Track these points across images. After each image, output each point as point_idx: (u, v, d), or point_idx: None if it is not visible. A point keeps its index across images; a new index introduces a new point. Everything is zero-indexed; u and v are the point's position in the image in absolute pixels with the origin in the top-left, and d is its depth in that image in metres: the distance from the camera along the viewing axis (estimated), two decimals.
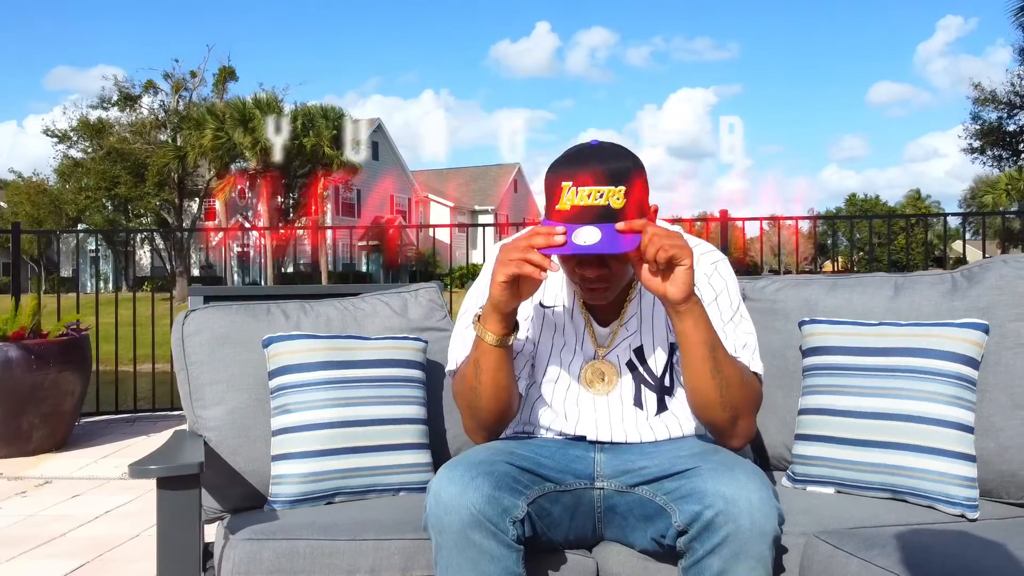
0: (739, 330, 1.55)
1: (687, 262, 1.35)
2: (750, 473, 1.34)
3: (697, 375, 1.44)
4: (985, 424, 1.67)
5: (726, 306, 1.56)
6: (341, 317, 2.04)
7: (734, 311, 1.56)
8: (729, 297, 1.57)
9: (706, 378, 1.43)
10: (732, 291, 1.58)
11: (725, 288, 1.57)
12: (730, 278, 1.59)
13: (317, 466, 1.75)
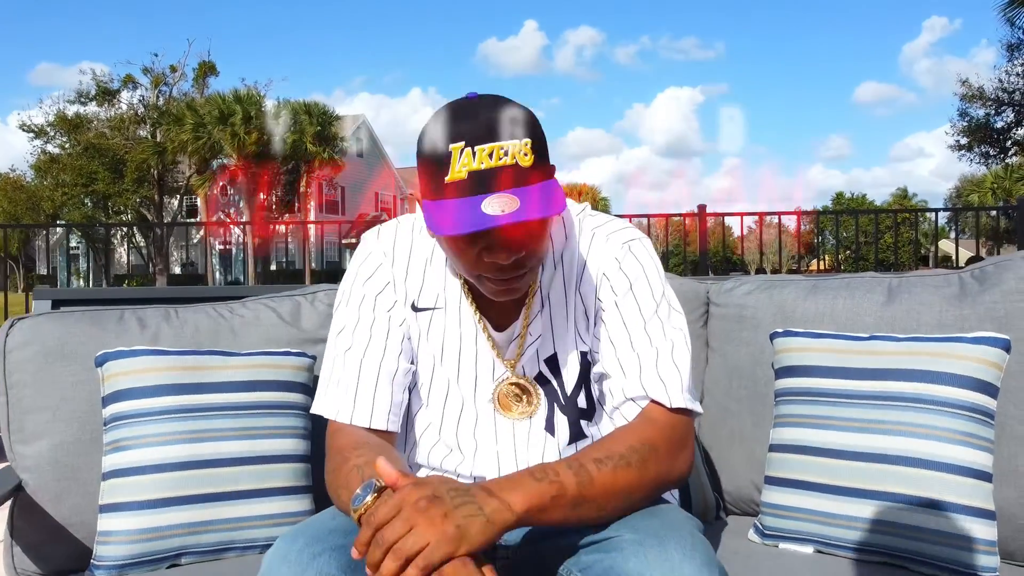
0: (652, 344, 1.16)
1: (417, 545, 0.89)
2: (688, 548, 0.97)
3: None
4: (1005, 467, 1.31)
5: (645, 302, 1.18)
6: (213, 327, 1.66)
7: (652, 312, 1.18)
8: (650, 289, 1.19)
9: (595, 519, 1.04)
10: (653, 282, 1.20)
11: (643, 278, 1.19)
12: (648, 264, 1.21)
13: (157, 519, 1.37)
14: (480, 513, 0.92)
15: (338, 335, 1.22)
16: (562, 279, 1.23)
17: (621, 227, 1.25)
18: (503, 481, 0.99)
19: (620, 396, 1.15)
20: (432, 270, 1.24)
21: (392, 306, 1.22)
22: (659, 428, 1.11)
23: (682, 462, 1.12)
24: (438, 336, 1.24)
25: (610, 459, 1.04)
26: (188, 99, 31.22)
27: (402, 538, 0.89)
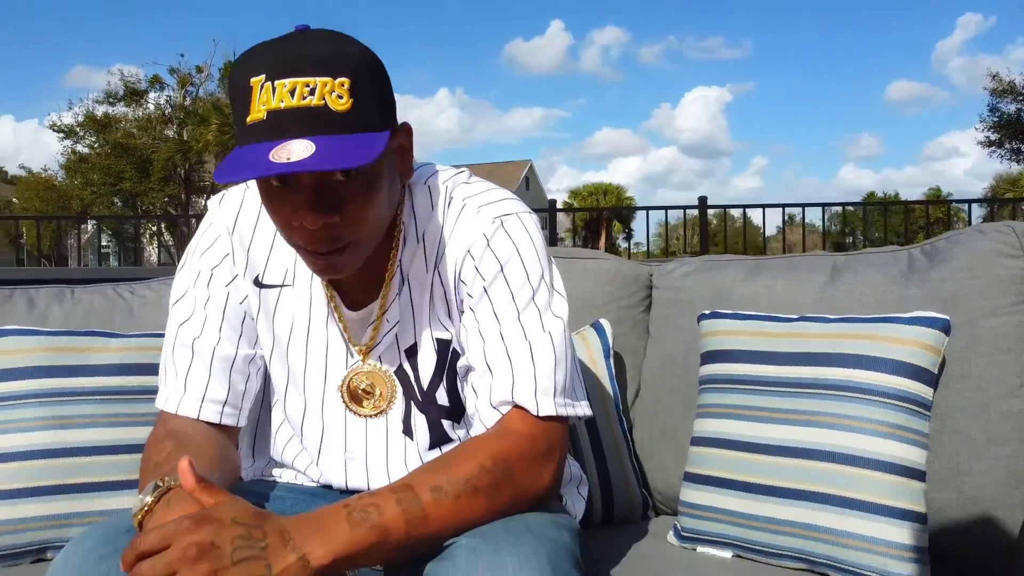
0: (525, 339, 0.99)
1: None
2: (526, 553, 0.83)
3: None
4: (945, 466, 1.16)
5: (519, 290, 1.00)
6: (109, 307, 1.56)
7: (526, 301, 1.00)
8: (525, 275, 1.01)
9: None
10: (529, 266, 1.01)
11: (517, 261, 1.01)
12: (524, 245, 1.02)
13: (18, 511, 1.26)
14: (264, 573, 0.77)
15: (174, 317, 1.09)
16: (423, 257, 1.06)
17: (499, 199, 1.05)
18: (310, 524, 0.82)
19: (484, 399, 1.00)
20: (282, 241, 1.06)
21: (231, 280, 1.08)
22: (518, 440, 0.95)
23: (544, 478, 0.96)
24: (286, 317, 1.08)
25: (452, 484, 0.88)
26: (213, 99, 31.48)
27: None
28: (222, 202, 1.12)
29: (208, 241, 1.10)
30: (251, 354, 1.09)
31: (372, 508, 0.84)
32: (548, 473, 0.96)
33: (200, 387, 1.05)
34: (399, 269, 1.06)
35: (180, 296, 1.10)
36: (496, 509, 0.90)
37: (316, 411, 1.09)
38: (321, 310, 1.08)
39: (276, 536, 0.79)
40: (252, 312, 1.09)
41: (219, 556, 0.76)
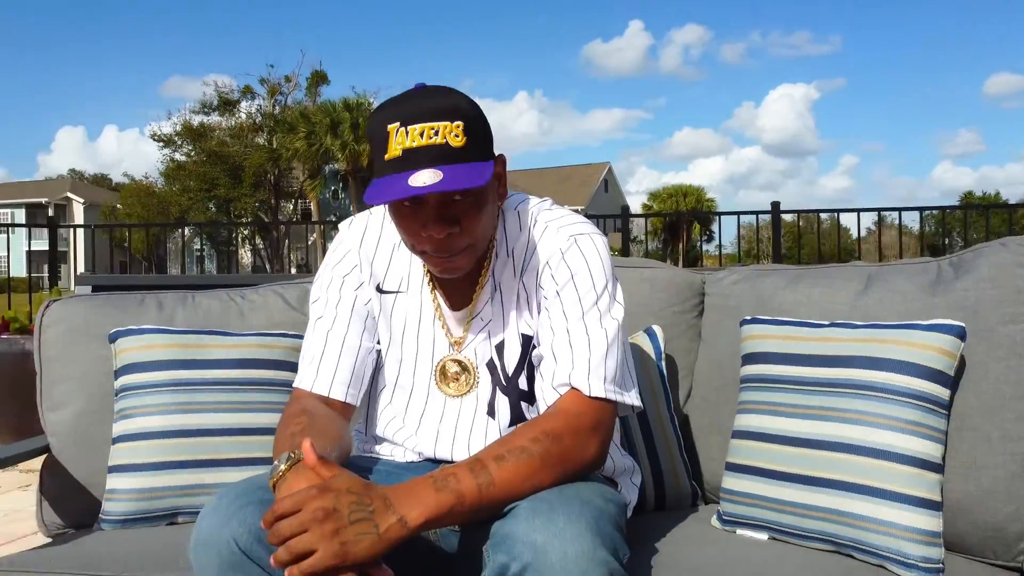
0: (586, 334, 1.18)
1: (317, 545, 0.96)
2: (573, 514, 1.00)
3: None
4: (963, 460, 1.27)
5: (585, 294, 1.20)
6: (222, 310, 1.80)
7: (591, 304, 1.20)
8: (592, 283, 1.21)
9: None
10: (595, 276, 1.22)
11: (583, 273, 1.21)
12: (593, 259, 1.23)
13: (154, 480, 1.51)
14: (373, 531, 0.97)
15: (312, 314, 1.33)
16: (512, 268, 1.28)
17: (574, 221, 1.27)
18: (405, 491, 1.02)
19: (547, 382, 1.19)
20: (398, 255, 1.33)
21: (358, 286, 1.32)
22: (567, 417, 1.13)
23: (590, 450, 1.13)
24: (400, 317, 1.32)
25: (511, 453, 1.07)
26: (301, 107, 32.70)
27: (296, 537, 0.96)
28: (351, 226, 1.36)
29: (340, 255, 1.34)
30: (371, 346, 1.32)
31: (451, 478, 1.03)
32: (593, 446, 1.14)
33: (331, 370, 1.27)
34: (492, 277, 1.28)
35: (317, 298, 1.34)
36: (549, 474, 1.08)
37: (420, 393, 1.31)
38: (428, 311, 1.30)
39: (380, 501, 1.00)
40: (374, 313, 1.32)
41: (339, 518, 0.96)
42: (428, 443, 1.30)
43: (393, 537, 0.98)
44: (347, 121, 29.82)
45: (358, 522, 0.97)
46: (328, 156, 31.52)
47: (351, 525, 0.97)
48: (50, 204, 48.77)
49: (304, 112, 31.48)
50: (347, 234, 1.36)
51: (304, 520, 0.96)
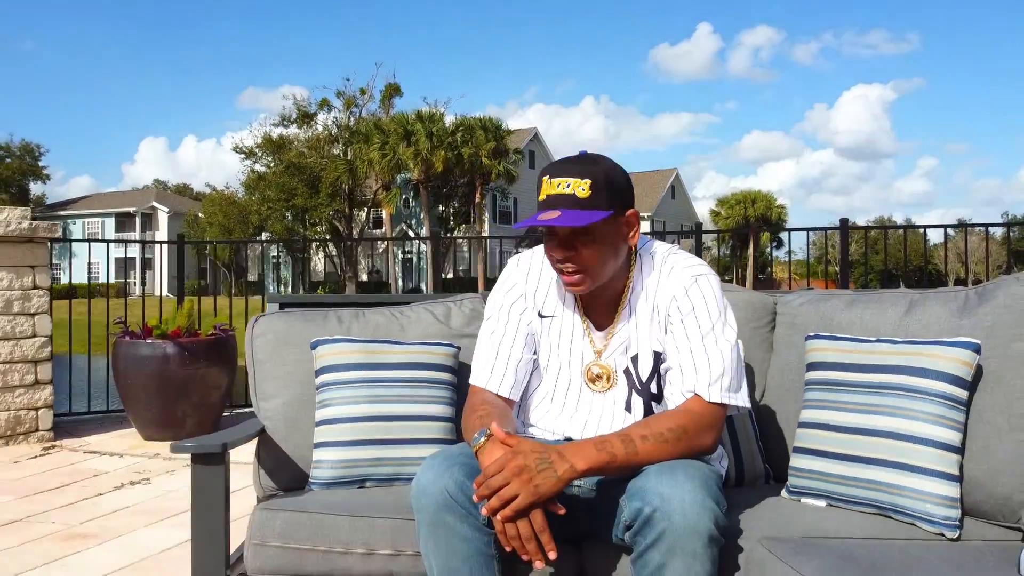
0: (706, 350, 1.62)
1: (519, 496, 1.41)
2: (690, 474, 1.43)
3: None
4: (980, 445, 1.64)
5: (703, 322, 1.64)
6: (387, 324, 2.28)
7: (708, 329, 1.63)
8: (708, 315, 1.64)
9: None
10: (711, 309, 1.65)
11: (703, 304, 1.65)
12: (709, 295, 1.66)
13: (350, 454, 1.98)
14: (553, 475, 1.43)
15: (485, 329, 1.80)
16: (644, 296, 1.72)
17: (695, 263, 1.71)
18: (573, 447, 1.48)
19: (675, 387, 1.63)
20: (554, 288, 1.78)
21: (523, 311, 1.78)
22: (692, 416, 1.57)
23: (707, 441, 1.57)
24: (556, 333, 1.77)
25: (652, 434, 1.52)
26: (375, 119, 33.72)
27: (502, 487, 1.41)
28: (518, 264, 1.82)
29: (509, 284, 1.81)
30: (530, 357, 1.77)
31: (607, 443, 1.48)
32: (709, 438, 1.58)
33: (500, 374, 1.74)
34: (629, 304, 1.72)
35: (490, 316, 1.81)
36: (677, 453, 1.51)
37: (574, 391, 1.76)
38: (579, 329, 1.75)
39: (556, 455, 1.45)
40: (535, 332, 1.77)
41: (529, 470, 1.42)
42: (576, 429, 1.73)
43: (567, 478, 1.43)
44: (421, 132, 30.64)
45: (543, 471, 1.42)
46: (400, 166, 32.45)
47: (538, 473, 1.42)
48: (137, 213, 51.28)
49: (378, 123, 32.44)
50: (515, 270, 1.84)
51: (507, 475, 1.42)
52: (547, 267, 1.79)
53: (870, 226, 5.41)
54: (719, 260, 44.60)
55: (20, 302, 4.98)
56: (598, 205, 1.57)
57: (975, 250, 46.25)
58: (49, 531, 3.27)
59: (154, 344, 4.95)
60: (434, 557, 1.51)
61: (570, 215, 1.55)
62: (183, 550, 3.00)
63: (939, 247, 56.45)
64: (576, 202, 1.56)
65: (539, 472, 1.42)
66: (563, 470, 1.44)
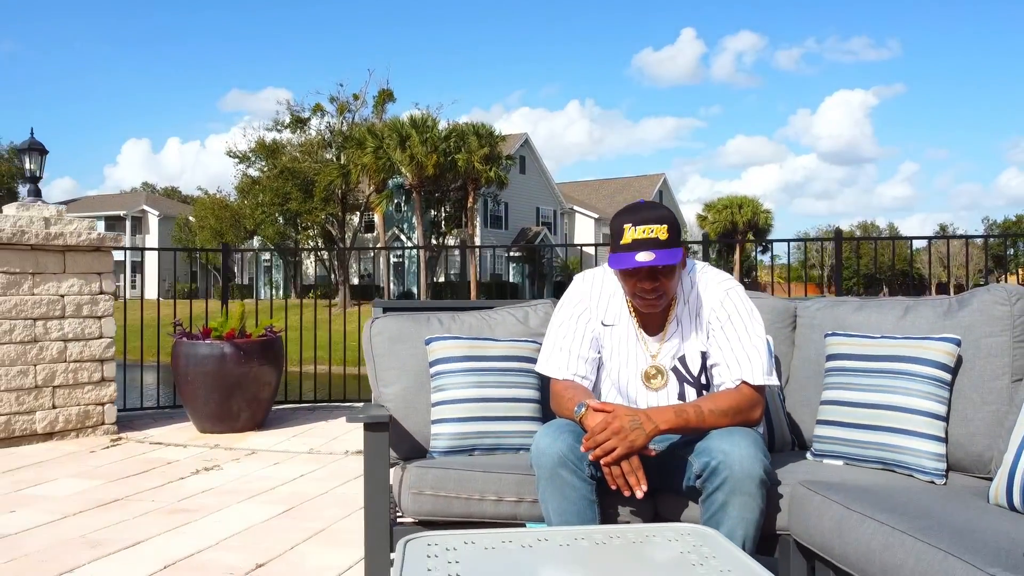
0: (744, 347, 2.13)
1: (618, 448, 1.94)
2: (744, 436, 1.94)
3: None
4: (960, 416, 2.17)
5: (738, 325, 2.15)
6: (479, 324, 2.77)
7: (743, 330, 2.15)
8: (741, 319, 2.16)
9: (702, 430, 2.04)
10: (743, 314, 2.16)
11: (736, 311, 2.17)
12: (740, 303, 2.18)
13: (461, 428, 2.48)
14: (642, 433, 1.94)
15: (556, 331, 2.30)
16: (687, 309, 2.22)
17: (723, 278, 2.22)
18: (657, 411, 1.99)
19: (725, 377, 2.13)
20: (613, 301, 2.28)
21: (589, 320, 2.28)
22: (744, 397, 2.08)
23: (756, 415, 2.09)
24: (616, 340, 2.27)
25: (716, 410, 2.03)
26: (369, 124, 34.11)
27: (606, 441, 1.92)
28: (583, 280, 2.32)
29: (577, 297, 2.30)
30: (594, 356, 2.27)
31: (683, 411, 2.00)
32: (757, 412, 2.09)
33: (575, 364, 2.24)
34: (675, 315, 2.21)
35: (559, 323, 2.30)
36: (733, 424, 2.02)
37: (633, 387, 2.25)
38: (633, 336, 2.25)
39: (644, 417, 1.96)
40: (599, 337, 2.27)
41: (625, 429, 1.93)
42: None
43: (652, 434, 1.94)
44: (415, 137, 31.09)
45: (635, 429, 1.93)
46: (393, 170, 32.87)
47: (632, 431, 1.93)
48: (127, 216, 51.34)
49: (372, 129, 32.83)
50: (582, 285, 2.33)
51: (607, 434, 1.93)
52: (607, 283, 2.29)
53: (863, 237, 5.88)
54: (713, 262, 45.25)
55: (88, 306, 5.43)
56: (675, 244, 2.05)
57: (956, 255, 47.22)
58: (151, 508, 3.74)
59: (212, 344, 5.41)
60: (551, 502, 2.01)
61: (662, 255, 2.01)
62: (280, 521, 3.49)
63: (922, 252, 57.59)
64: (660, 244, 2.02)
65: (632, 431, 1.93)
66: (649, 429, 1.95)
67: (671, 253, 2.03)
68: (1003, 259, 62.06)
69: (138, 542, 3.19)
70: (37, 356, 5.19)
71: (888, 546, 1.60)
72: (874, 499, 1.80)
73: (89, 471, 4.51)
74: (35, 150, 5.54)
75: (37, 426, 5.19)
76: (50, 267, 5.27)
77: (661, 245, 2.03)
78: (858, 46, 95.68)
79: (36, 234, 5.17)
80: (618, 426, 1.94)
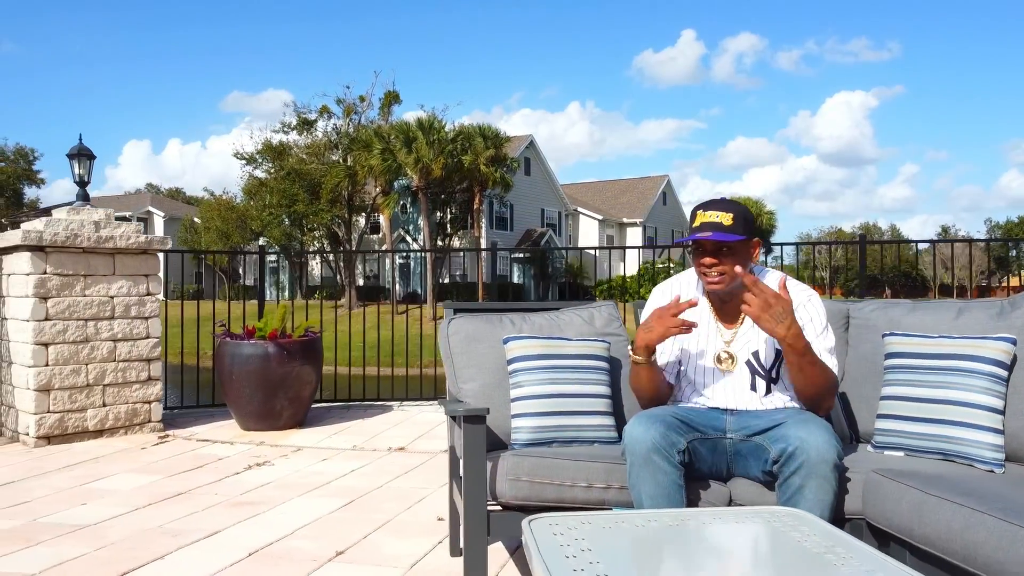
0: (824, 341, 2.33)
1: (775, 329, 2.19)
2: (818, 424, 2.11)
3: (791, 374, 2.25)
4: (1015, 409, 2.32)
5: (817, 325, 2.35)
6: (548, 324, 2.93)
7: (822, 329, 2.35)
8: (820, 319, 2.36)
9: (795, 375, 2.24)
10: (820, 316, 2.37)
11: (817, 314, 2.37)
12: (818, 307, 2.39)
13: (540, 422, 2.64)
14: (783, 323, 2.16)
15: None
16: None
17: (804, 287, 2.43)
18: (797, 323, 2.19)
19: None
20: (693, 295, 2.45)
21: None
22: (831, 379, 2.30)
23: (831, 400, 2.31)
24: (698, 331, 2.44)
25: (819, 365, 2.24)
26: (375, 126, 34.25)
27: (767, 302, 2.17)
28: (664, 286, 2.49)
29: (661, 293, 2.50)
30: (677, 349, 2.43)
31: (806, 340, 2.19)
32: (832, 399, 2.30)
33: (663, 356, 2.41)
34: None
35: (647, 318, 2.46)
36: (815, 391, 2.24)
37: (709, 372, 2.42)
38: (712, 327, 2.42)
39: (790, 316, 2.18)
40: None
41: (774, 310, 2.17)
42: (716, 401, 2.41)
43: (791, 325, 2.18)
44: (422, 139, 31.24)
45: (781, 318, 2.17)
46: (399, 172, 33.02)
47: (779, 315, 2.18)
48: (133, 217, 51.51)
49: (378, 131, 32.98)
50: (666, 286, 2.53)
51: (776, 301, 2.18)
52: (685, 288, 2.49)
53: (887, 240, 6.03)
54: None
55: (136, 307, 5.59)
56: (736, 231, 2.29)
57: (958, 256, 47.41)
58: (215, 501, 3.89)
59: (256, 344, 5.57)
60: (643, 486, 2.17)
61: (718, 235, 2.27)
62: (344, 513, 3.65)
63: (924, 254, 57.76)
64: (722, 227, 2.28)
65: (778, 316, 2.18)
66: (787, 323, 2.17)
67: (727, 235, 2.27)
68: (1005, 261, 62.29)
69: (215, 532, 3.35)
70: (88, 355, 5.35)
71: (969, 526, 1.76)
72: (948, 484, 1.95)
73: (145, 467, 4.67)
74: (84, 155, 5.70)
75: (88, 423, 5.35)
76: (100, 269, 5.43)
77: (723, 229, 2.28)
78: (858, 47, 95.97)
79: (88, 237, 5.33)
80: (777, 311, 2.17)
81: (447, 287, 35.82)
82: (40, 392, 5.13)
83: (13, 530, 3.38)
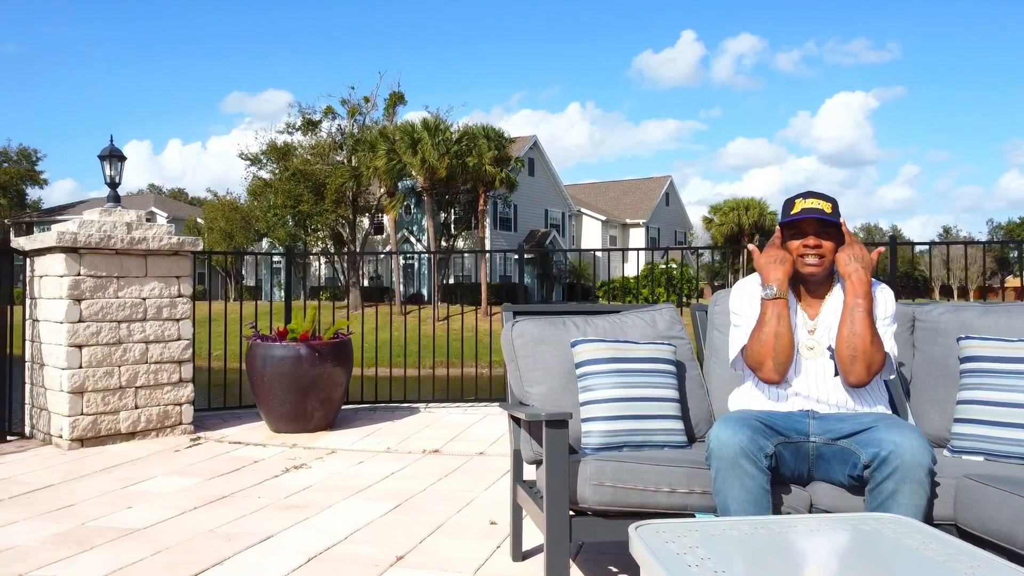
0: (885, 320, 2.41)
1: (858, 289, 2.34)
2: (911, 428, 2.10)
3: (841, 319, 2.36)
4: None
5: (882, 312, 2.40)
6: (611, 327, 2.92)
7: (886, 316, 2.41)
8: (888, 306, 2.43)
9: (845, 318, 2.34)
10: (889, 304, 2.44)
11: (885, 300, 2.43)
12: (889, 297, 2.45)
13: (611, 426, 2.62)
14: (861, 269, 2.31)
15: (732, 322, 2.53)
16: (841, 296, 2.43)
17: (876, 282, 2.43)
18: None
19: None
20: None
21: (751, 304, 2.50)
22: (879, 344, 2.33)
23: (878, 364, 2.34)
24: None
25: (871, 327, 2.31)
26: (380, 127, 34.17)
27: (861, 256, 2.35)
28: (740, 282, 2.48)
29: (741, 291, 2.52)
30: None
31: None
32: (879, 363, 2.35)
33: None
34: (831, 302, 2.43)
35: (738, 324, 2.50)
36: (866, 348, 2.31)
37: (797, 359, 2.42)
38: (796, 316, 2.42)
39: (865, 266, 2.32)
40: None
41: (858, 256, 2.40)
42: (802, 383, 2.42)
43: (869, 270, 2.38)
44: (427, 140, 31.21)
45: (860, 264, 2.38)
46: (404, 173, 32.97)
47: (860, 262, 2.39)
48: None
49: (384, 132, 32.93)
50: (745, 285, 2.57)
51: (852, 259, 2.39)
52: (756, 287, 2.49)
53: (918, 242, 6.03)
54: (712, 266, 45.40)
55: (168, 308, 5.58)
56: (834, 216, 2.39)
57: (959, 257, 47.37)
58: (261, 504, 3.88)
59: (287, 346, 5.55)
60: (730, 490, 2.15)
61: (824, 216, 2.36)
62: (395, 516, 3.63)
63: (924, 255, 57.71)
64: (823, 213, 2.38)
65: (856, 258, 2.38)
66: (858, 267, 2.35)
67: (830, 221, 2.38)
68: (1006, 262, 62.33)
69: (269, 536, 3.33)
70: (121, 357, 5.33)
71: None
72: None
73: (183, 469, 4.65)
74: (115, 156, 5.68)
75: (121, 425, 5.33)
76: (132, 271, 5.41)
77: (822, 213, 2.37)
78: (858, 48, 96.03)
79: (121, 239, 5.31)
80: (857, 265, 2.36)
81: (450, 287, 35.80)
82: (74, 394, 5.12)
83: (63, 534, 3.37)
